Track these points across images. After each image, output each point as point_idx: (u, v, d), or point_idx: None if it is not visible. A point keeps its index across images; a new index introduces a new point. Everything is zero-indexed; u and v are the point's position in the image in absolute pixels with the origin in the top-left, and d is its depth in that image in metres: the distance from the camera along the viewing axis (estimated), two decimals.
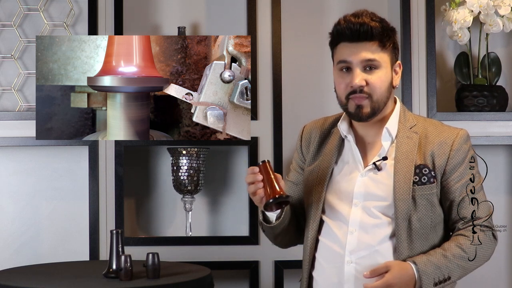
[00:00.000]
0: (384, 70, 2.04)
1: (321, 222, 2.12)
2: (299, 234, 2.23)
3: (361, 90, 2.03)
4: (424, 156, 2.05)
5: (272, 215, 2.11)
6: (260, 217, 2.14)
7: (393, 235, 2.04)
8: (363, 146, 2.12)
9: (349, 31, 2.02)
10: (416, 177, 2.03)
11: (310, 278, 2.14)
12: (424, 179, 2.03)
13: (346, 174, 2.11)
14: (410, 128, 2.09)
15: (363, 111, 2.04)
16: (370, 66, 2.02)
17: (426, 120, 2.14)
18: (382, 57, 2.03)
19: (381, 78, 2.03)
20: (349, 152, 2.12)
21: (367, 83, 2.02)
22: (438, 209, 2.07)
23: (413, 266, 1.98)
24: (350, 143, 2.12)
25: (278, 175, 2.03)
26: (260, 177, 2.00)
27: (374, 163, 2.06)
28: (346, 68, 2.04)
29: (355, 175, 2.09)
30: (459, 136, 2.07)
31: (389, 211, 2.04)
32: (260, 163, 2.01)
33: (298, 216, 2.22)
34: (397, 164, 2.04)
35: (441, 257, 2.01)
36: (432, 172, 2.04)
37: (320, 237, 2.11)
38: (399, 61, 2.11)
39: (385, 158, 2.06)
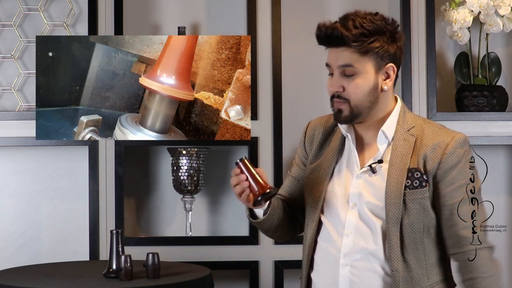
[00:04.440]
0: (364, 76, 2.00)
1: (320, 223, 2.11)
2: (294, 228, 2.21)
3: (338, 96, 2.02)
4: (417, 159, 2.02)
5: (260, 211, 2.09)
6: (247, 213, 2.12)
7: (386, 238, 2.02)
8: (361, 147, 2.10)
9: (322, 36, 2.00)
10: (408, 181, 2.00)
11: (309, 280, 2.13)
12: (416, 183, 2.00)
13: (343, 175, 2.09)
14: (408, 130, 2.05)
15: (342, 115, 2.03)
16: (347, 72, 2.00)
17: (425, 122, 2.09)
18: (361, 63, 1.99)
19: (358, 85, 2.00)
20: (349, 152, 2.11)
21: (344, 89, 2.01)
22: (431, 213, 2.04)
23: None
24: (350, 143, 2.11)
25: (260, 170, 2.00)
26: (243, 176, 1.97)
27: (369, 166, 2.05)
28: (330, 72, 2.04)
29: (351, 176, 2.07)
30: (454, 140, 2.01)
31: (382, 215, 2.02)
32: (239, 162, 1.97)
33: (296, 211, 2.20)
34: (390, 168, 2.02)
35: None
36: (424, 176, 2.00)
37: (318, 239, 2.10)
38: (391, 64, 2.02)
39: (380, 161, 2.05)
